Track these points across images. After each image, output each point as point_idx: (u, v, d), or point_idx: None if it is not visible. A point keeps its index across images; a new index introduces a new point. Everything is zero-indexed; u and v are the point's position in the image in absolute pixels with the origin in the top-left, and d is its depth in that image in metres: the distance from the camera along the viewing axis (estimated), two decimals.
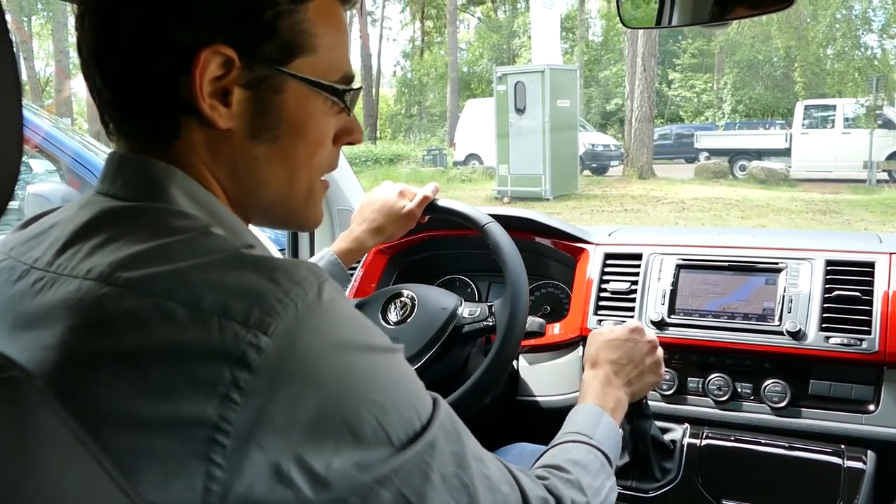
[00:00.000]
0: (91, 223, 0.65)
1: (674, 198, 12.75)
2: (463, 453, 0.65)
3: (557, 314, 1.68)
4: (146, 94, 0.67)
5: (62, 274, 0.62)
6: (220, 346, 0.54)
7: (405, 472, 0.60)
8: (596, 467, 0.91)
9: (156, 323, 0.55)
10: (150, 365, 0.54)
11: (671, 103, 25.43)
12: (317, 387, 0.56)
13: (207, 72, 0.65)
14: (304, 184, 0.75)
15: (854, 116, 16.01)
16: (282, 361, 0.55)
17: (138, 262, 0.58)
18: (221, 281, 0.57)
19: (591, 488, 0.86)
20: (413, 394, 0.64)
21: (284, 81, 0.69)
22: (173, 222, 0.63)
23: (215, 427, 0.53)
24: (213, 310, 0.55)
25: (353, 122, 0.79)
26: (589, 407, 1.04)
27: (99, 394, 0.54)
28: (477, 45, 31.55)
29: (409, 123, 31.58)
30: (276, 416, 0.54)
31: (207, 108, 0.66)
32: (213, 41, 0.65)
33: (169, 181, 0.67)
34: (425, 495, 0.61)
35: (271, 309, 0.55)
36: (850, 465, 1.26)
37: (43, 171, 3.86)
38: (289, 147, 0.72)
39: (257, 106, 0.69)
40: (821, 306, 1.36)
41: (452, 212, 1.37)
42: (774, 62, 23.06)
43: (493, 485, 0.68)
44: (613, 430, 1.02)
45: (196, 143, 0.69)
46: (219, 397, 0.53)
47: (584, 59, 25.97)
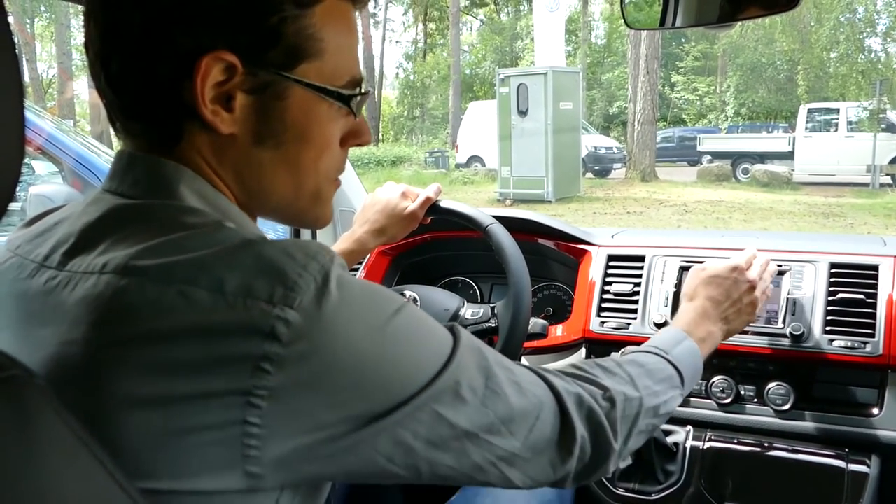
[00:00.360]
0: (102, 220, 0.65)
1: (676, 200, 12.74)
2: (488, 365, 0.68)
3: (560, 316, 1.67)
4: (149, 97, 0.67)
5: (77, 272, 0.62)
6: (248, 324, 0.55)
7: (437, 395, 0.63)
8: (662, 376, 0.91)
9: (181, 309, 0.56)
10: (179, 346, 0.55)
11: (674, 106, 25.45)
12: (348, 351, 0.58)
13: (209, 77, 0.65)
14: (311, 188, 0.75)
15: (857, 120, 15.99)
16: (311, 332, 0.57)
17: (155, 253, 0.59)
18: (240, 263, 0.58)
19: (647, 388, 0.86)
20: (433, 335, 0.66)
21: (289, 87, 0.68)
22: (185, 218, 0.64)
23: (249, 394, 0.55)
24: (237, 292, 0.56)
25: (361, 125, 0.78)
26: (674, 329, 1.04)
27: (128, 380, 0.55)
28: (480, 48, 31.59)
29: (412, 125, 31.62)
30: (311, 380, 0.57)
31: (209, 114, 0.66)
32: (216, 47, 0.64)
33: (178, 180, 0.67)
34: (458, 410, 0.64)
35: (294, 284, 0.57)
36: (853, 469, 1.25)
37: (45, 173, 3.87)
38: (294, 153, 0.71)
39: (261, 112, 0.68)
40: (824, 309, 1.35)
41: (455, 213, 1.37)
42: (778, 65, 23.08)
43: (523, 389, 0.70)
44: (695, 354, 1.01)
45: (200, 147, 0.69)
46: (251, 369, 0.55)
47: (587, 61, 25.99)
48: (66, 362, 0.57)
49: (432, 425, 0.62)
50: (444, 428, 0.63)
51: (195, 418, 0.55)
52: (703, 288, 1.15)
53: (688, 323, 1.07)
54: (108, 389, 0.55)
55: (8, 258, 0.71)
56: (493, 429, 0.67)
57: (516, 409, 0.69)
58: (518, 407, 0.69)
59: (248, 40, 0.66)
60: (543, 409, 0.72)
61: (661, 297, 1.48)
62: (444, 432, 0.63)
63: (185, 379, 0.55)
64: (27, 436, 0.48)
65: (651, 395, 0.86)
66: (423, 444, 0.62)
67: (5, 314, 0.66)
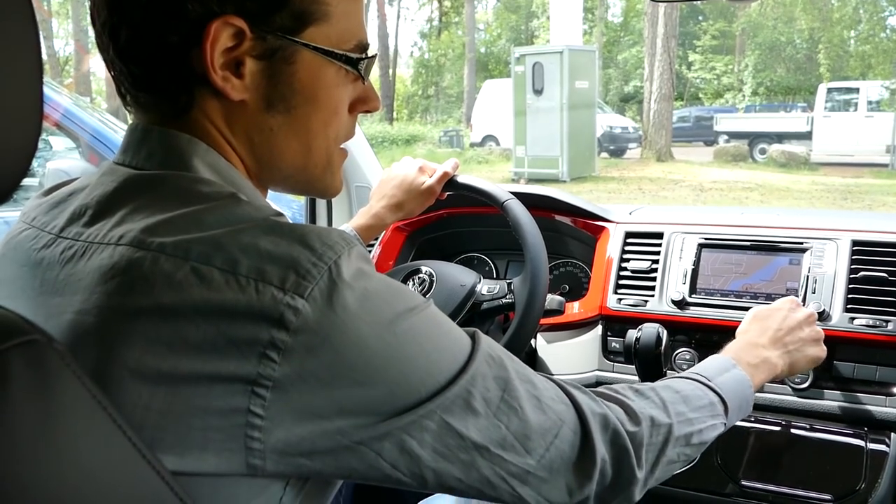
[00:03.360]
0: (116, 192, 0.66)
1: (692, 181, 12.64)
2: (508, 377, 0.66)
3: (576, 293, 1.66)
4: (159, 66, 0.66)
5: (93, 242, 0.62)
6: (258, 308, 0.55)
7: (447, 403, 0.61)
8: (700, 403, 0.85)
9: (193, 285, 0.56)
10: (188, 323, 0.55)
11: (691, 85, 25.16)
12: (356, 346, 0.58)
13: (219, 43, 0.65)
14: (322, 153, 0.75)
15: (878, 99, 15.76)
16: (320, 323, 0.56)
17: (171, 228, 0.59)
18: (256, 246, 0.58)
19: (680, 415, 0.81)
20: (451, 337, 0.65)
21: (297, 51, 0.69)
22: (200, 189, 0.64)
23: (254, 382, 0.55)
24: (250, 274, 0.56)
25: (369, 90, 0.78)
26: (721, 357, 0.99)
27: (138, 351, 0.55)
28: (495, 26, 31.32)
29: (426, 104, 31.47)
30: (317, 373, 0.56)
31: (220, 80, 0.66)
32: (224, 12, 0.64)
33: (191, 152, 0.67)
34: (468, 421, 0.62)
35: (307, 273, 0.57)
36: (872, 448, 1.24)
37: (63, 148, 3.89)
38: (303, 117, 0.72)
39: (270, 77, 0.68)
40: (846, 287, 1.33)
41: (472, 188, 1.36)
42: (797, 44, 22.74)
43: (543, 405, 0.68)
44: (744, 383, 0.94)
45: (211, 114, 0.69)
46: (257, 356, 0.55)
47: (603, 40, 25.72)
48: (80, 330, 0.58)
49: (440, 434, 0.61)
50: (453, 438, 0.61)
51: (199, 400, 0.55)
52: (753, 321, 1.10)
53: (737, 350, 1.01)
54: (119, 360, 0.55)
55: (23, 229, 0.71)
56: (505, 444, 0.64)
57: (533, 424, 0.66)
58: (535, 423, 0.66)
59: (256, 5, 0.65)
60: (564, 428, 0.68)
61: (679, 275, 1.46)
62: (452, 443, 0.61)
63: (192, 357, 0.55)
64: (47, 398, 0.48)
65: (684, 423, 0.81)
66: (430, 454, 0.61)
67: (21, 284, 0.67)
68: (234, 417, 0.55)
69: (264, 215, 0.62)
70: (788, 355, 1.05)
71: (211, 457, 0.56)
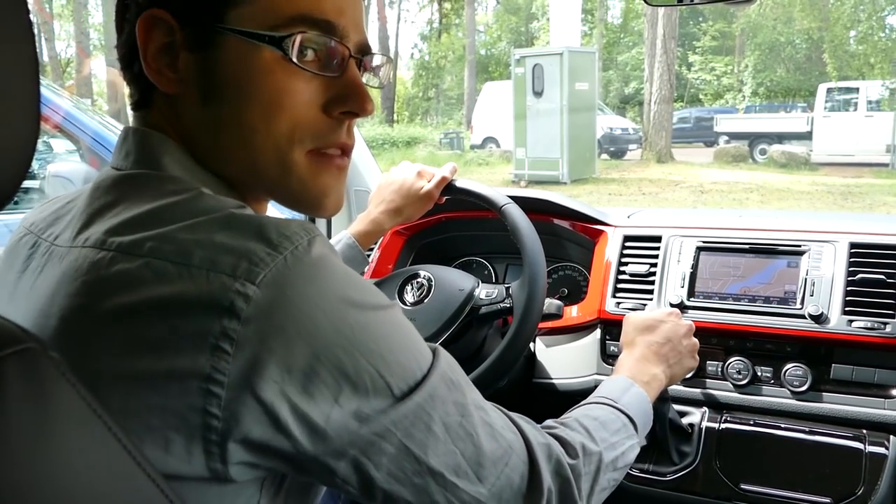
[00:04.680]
0: (93, 193, 0.67)
1: (692, 182, 12.64)
2: (465, 402, 0.65)
3: (575, 297, 1.66)
4: (127, 66, 0.69)
5: (63, 246, 0.63)
6: (207, 297, 0.54)
7: (407, 424, 0.59)
8: (616, 426, 0.89)
9: (147, 281, 0.55)
10: (143, 321, 0.54)
11: (691, 86, 25.17)
12: (311, 336, 0.55)
13: (151, 38, 0.66)
14: (270, 153, 0.67)
15: (878, 99, 15.75)
16: (272, 310, 0.54)
17: (131, 227, 0.59)
18: (211, 239, 0.57)
19: (604, 441, 0.85)
20: (412, 344, 0.63)
21: (221, 37, 0.65)
22: (165, 186, 0.64)
23: (208, 378, 0.53)
24: (202, 264, 0.55)
25: (348, 88, 0.69)
26: (619, 377, 1.03)
27: (97, 354, 0.55)
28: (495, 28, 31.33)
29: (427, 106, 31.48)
30: (269, 365, 0.54)
31: (153, 73, 0.67)
32: (150, 5, 0.65)
33: (162, 151, 0.67)
34: (428, 446, 0.61)
35: (259, 260, 0.55)
36: (871, 451, 1.24)
37: (63, 151, 3.89)
38: (237, 111, 0.66)
39: (202, 68, 0.66)
40: (844, 289, 1.33)
41: (470, 192, 1.36)
42: (797, 44, 22.74)
43: (496, 432, 0.67)
44: (643, 400, 1.00)
45: (165, 111, 0.69)
46: (209, 348, 0.53)
47: (603, 41, 25.72)
48: (44, 334, 0.57)
49: (397, 458, 0.59)
50: (409, 462, 0.60)
51: (156, 398, 0.54)
52: (640, 334, 1.15)
53: (630, 369, 1.07)
54: (79, 362, 0.54)
55: (23, 234, 0.73)
56: (459, 470, 0.63)
57: (486, 452, 0.65)
58: (488, 450, 0.65)
59: None
60: (513, 456, 0.68)
61: (678, 278, 1.46)
62: (409, 466, 0.60)
63: (147, 355, 0.54)
64: (42, 407, 0.48)
65: (609, 448, 0.84)
66: (385, 476, 0.59)
67: (11, 289, 0.68)
68: (191, 417, 0.53)
69: (224, 207, 0.60)
70: (670, 369, 1.12)
71: (172, 460, 0.54)
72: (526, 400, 1.55)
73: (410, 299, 1.34)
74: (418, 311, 1.31)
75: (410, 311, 1.32)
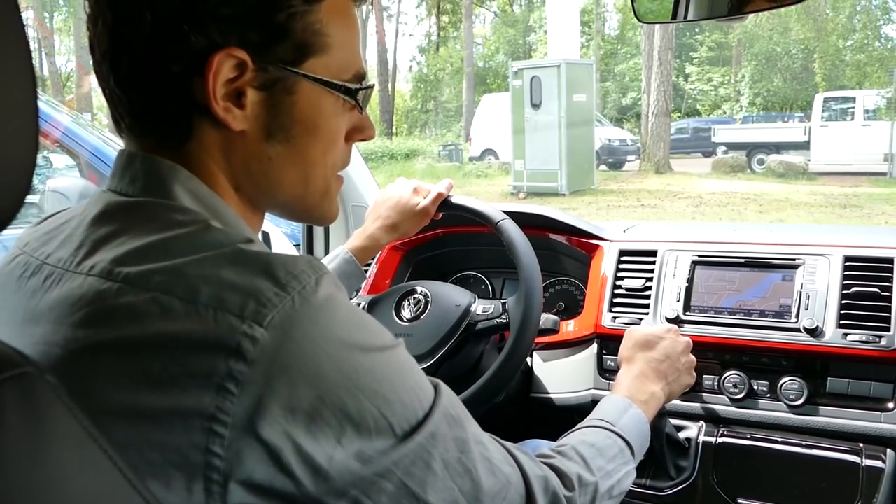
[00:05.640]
0: (96, 219, 0.66)
1: (691, 192, 12.66)
2: (465, 438, 0.66)
3: (572, 311, 1.67)
4: (159, 96, 0.67)
5: (68, 270, 0.63)
6: (214, 337, 0.54)
7: (407, 463, 0.60)
8: (613, 452, 0.91)
9: (153, 316, 0.55)
10: (148, 356, 0.55)
11: (688, 97, 25.27)
12: (316, 378, 0.56)
13: (221, 74, 0.65)
14: (320, 182, 0.75)
15: (874, 108, 15.80)
16: (278, 353, 0.55)
17: (138, 257, 0.59)
18: (218, 276, 0.57)
19: (601, 470, 0.86)
20: (415, 383, 0.64)
21: (297, 82, 0.69)
22: (173, 217, 0.64)
23: (212, 418, 0.53)
24: (210, 303, 0.55)
25: (365, 119, 0.79)
26: (617, 398, 1.04)
27: (101, 386, 0.55)
28: (493, 40, 31.46)
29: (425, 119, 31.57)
30: (274, 407, 0.54)
31: (221, 111, 0.66)
32: (227, 44, 0.64)
33: (172, 178, 0.67)
34: (427, 484, 0.61)
35: (267, 301, 0.56)
36: (868, 464, 1.24)
37: (63, 166, 3.90)
38: (302, 147, 0.72)
39: (271, 107, 0.69)
40: (839, 303, 1.34)
41: (466, 209, 1.37)
42: (793, 54, 22.84)
43: (494, 467, 0.68)
44: (641, 421, 1.01)
45: (209, 144, 0.69)
46: (215, 388, 0.53)
47: (601, 53, 25.82)
48: (48, 362, 0.57)
49: (396, 496, 0.60)
50: (408, 500, 0.60)
51: (158, 435, 0.54)
52: (639, 350, 1.16)
53: (629, 388, 1.08)
54: (82, 394, 0.54)
55: (16, 255, 0.72)
56: None
57: (485, 488, 0.66)
58: (487, 486, 0.66)
59: (258, 37, 0.66)
60: (511, 490, 0.69)
61: (673, 292, 1.47)
62: None
63: (151, 391, 0.54)
64: (38, 432, 0.48)
65: (605, 477, 0.85)
66: None
67: (10, 312, 0.67)
68: (193, 456, 0.54)
69: (233, 241, 0.61)
70: (668, 387, 1.13)
71: (172, 497, 0.54)
72: (523, 414, 1.55)
73: (407, 315, 1.35)
74: (415, 328, 1.32)
75: (407, 327, 1.32)
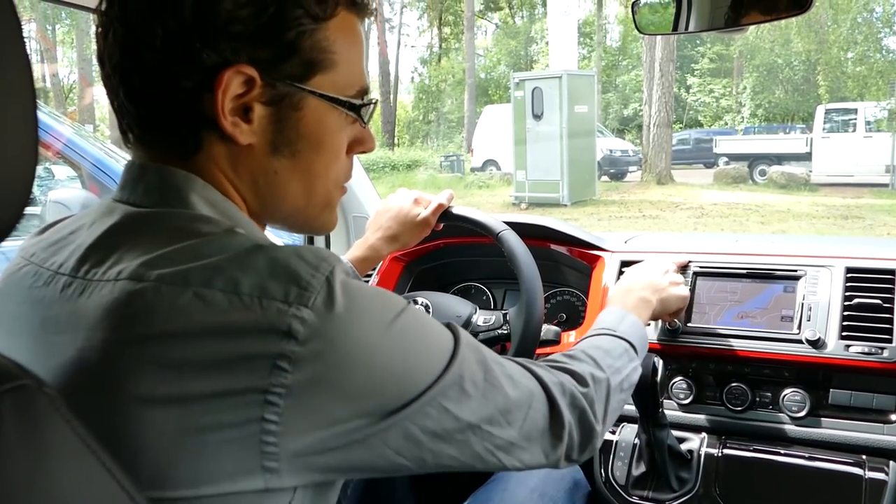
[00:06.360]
0: (115, 229, 0.67)
1: (693, 203, 12.67)
2: (485, 360, 0.72)
3: (573, 322, 1.67)
4: (169, 109, 0.68)
5: (93, 280, 0.63)
6: (265, 324, 0.57)
7: (445, 390, 0.66)
8: (619, 352, 1.00)
9: (196, 309, 0.58)
10: (195, 346, 0.57)
11: (690, 108, 25.32)
12: (361, 346, 0.61)
13: (230, 90, 0.67)
14: (322, 195, 0.78)
15: (876, 120, 15.82)
16: (325, 329, 0.59)
17: (168, 260, 0.61)
18: (254, 266, 0.60)
19: (610, 367, 0.94)
20: (437, 330, 0.70)
21: (304, 98, 0.71)
22: (196, 226, 0.66)
23: (266, 391, 0.57)
24: (253, 292, 0.58)
25: (366, 132, 0.81)
26: (612, 308, 1.14)
27: (145, 380, 0.57)
28: (494, 51, 31.57)
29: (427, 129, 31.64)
30: (327, 378, 0.59)
31: (229, 126, 0.68)
32: (237, 60, 0.66)
33: (188, 188, 0.69)
34: (462, 403, 0.68)
35: (307, 284, 0.60)
36: (871, 476, 1.24)
37: (65, 178, 3.91)
38: (307, 161, 0.74)
39: (277, 122, 0.71)
40: (841, 314, 1.33)
41: (467, 219, 1.37)
42: (795, 66, 22.88)
43: (515, 381, 0.75)
44: (638, 325, 1.10)
45: (217, 157, 0.71)
46: (269, 367, 0.57)
47: (602, 64, 25.89)
48: (84, 367, 0.59)
49: (439, 419, 0.66)
50: (450, 421, 0.67)
51: (212, 416, 0.56)
52: (624, 276, 1.29)
53: (618, 300, 1.18)
54: (127, 390, 0.56)
55: (22, 265, 0.72)
56: (493, 420, 0.71)
57: (512, 399, 0.73)
58: (514, 398, 0.73)
59: (268, 54, 0.68)
60: (534, 399, 0.77)
61: None
62: (450, 425, 0.67)
63: (201, 378, 0.56)
64: (36, 445, 0.48)
65: (615, 373, 0.94)
66: (430, 437, 0.66)
67: (21, 322, 0.67)
68: (248, 427, 0.57)
69: (257, 239, 0.64)
70: (658, 293, 1.23)
71: (228, 467, 0.57)
72: None
73: None
74: None
75: None
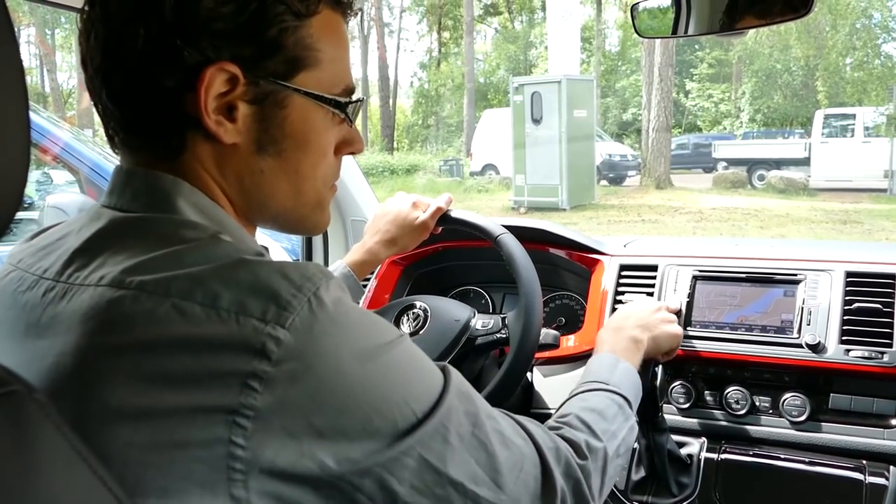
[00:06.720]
0: (100, 234, 0.66)
1: (691, 208, 12.67)
2: (476, 412, 0.68)
3: (572, 326, 1.66)
4: (152, 110, 0.67)
5: (74, 284, 0.62)
6: (239, 340, 0.56)
7: (426, 439, 0.62)
8: (613, 412, 0.94)
9: (173, 321, 0.56)
10: (169, 358, 0.56)
11: (689, 113, 25.36)
12: (337, 374, 0.58)
13: (213, 88, 0.66)
14: (311, 195, 0.76)
15: (874, 125, 15.84)
16: (301, 352, 0.57)
17: (151, 267, 0.60)
18: (236, 281, 0.58)
19: (606, 433, 0.89)
20: (427, 370, 0.67)
21: (288, 96, 0.70)
22: (182, 232, 0.65)
23: (235, 412, 0.55)
24: (231, 308, 0.57)
25: (354, 133, 0.80)
26: (603, 355, 1.08)
27: (119, 389, 0.55)
28: (494, 56, 31.63)
29: (426, 134, 31.68)
30: (297, 400, 0.56)
31: (213, 124, 0.67)
32: (219, 58, 0.65)
33: (176, 193, 0.68)
34: (446, 457, 0.63)
35: (287, 304, 0.58)
36: (871, 481, 1.23)
37: (64, 182, 3.91)
38: (293, 160, 0.73)
39: (262, 121, 0.70)
40: (841, 318, 1.33)
41: (466, 223, 1.36)
42: (793, 71, 22.93)
43: (506, 439, 0.70)
44: (631, 373, 1.05)
45: (202, 157, 0.70)
46: (239, 386, 0.55)
47: (601, 69, 25.93)
48: (61, 373, 0.58)
49: (418, 471, 0.62)
50: (430, 474, 0.62)
51: (180, 432, 0.55)
52: (614, 315, 1.23)
53: (609, 342, 1.12)
54: (100, 399, 0.55)
55: (9, 271, 0.72)
56: (477, 479, 0.66)
57: (501, 459, 0.68)
58: (503, 458, 0.68)
59: (250, 51, 0.67)
60: (526, 461, 0.71)
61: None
62: (430, 479, 0.62)
63: (173, 391, 0.55)
64: (26, 451, 0.48)
65: (611, 438, 0.88)
66: (408, 489, 0.61)
67: (7, 327, 0.67)
68: (215, 448, 0.55)
69: (244, 252, 0.62)
70: (649, 331, 1.17)
71: (195, 489, 0.55)
72: None
73: (406, 330, 1.34)
74: (414, 342, 1.30)
75: None
